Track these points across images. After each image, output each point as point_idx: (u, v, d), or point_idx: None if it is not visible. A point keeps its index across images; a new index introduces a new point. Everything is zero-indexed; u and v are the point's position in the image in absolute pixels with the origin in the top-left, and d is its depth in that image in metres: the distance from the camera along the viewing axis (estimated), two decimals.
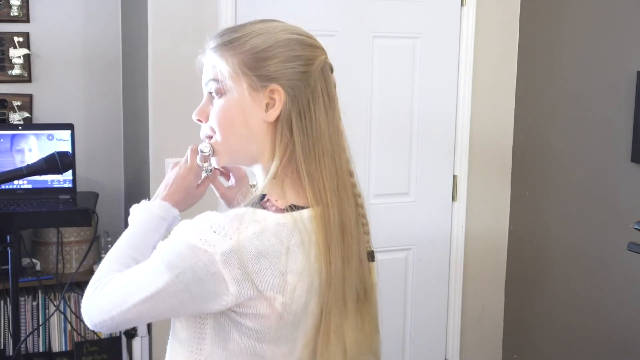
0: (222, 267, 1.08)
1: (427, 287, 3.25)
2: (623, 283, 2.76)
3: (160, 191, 1.35)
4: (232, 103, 1.20)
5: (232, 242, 1.09)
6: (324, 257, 1.16)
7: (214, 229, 1.10)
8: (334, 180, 1.20)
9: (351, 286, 1.21)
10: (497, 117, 3.25)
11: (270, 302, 1.12)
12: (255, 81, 1.18)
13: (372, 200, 3.08)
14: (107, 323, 1.17)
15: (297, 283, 1.14)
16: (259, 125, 1.20)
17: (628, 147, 2.69)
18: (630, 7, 2.70)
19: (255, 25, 1.23)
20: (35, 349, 2.91)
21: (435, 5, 3.09)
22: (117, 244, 1.28)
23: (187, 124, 2.72)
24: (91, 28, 3.16)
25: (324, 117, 1.21)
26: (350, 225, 1.20)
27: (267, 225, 1.12)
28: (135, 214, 1.33)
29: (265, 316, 1.13)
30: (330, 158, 1.20)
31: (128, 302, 1.14)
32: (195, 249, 1.09)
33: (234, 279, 1.09)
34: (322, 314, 1.19)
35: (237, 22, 2.75)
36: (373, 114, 3.05)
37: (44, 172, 1.70)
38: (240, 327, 1.15)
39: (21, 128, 2.85)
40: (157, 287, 1.11)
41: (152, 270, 1.13)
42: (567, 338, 3.04)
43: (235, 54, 1.20)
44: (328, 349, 1.19)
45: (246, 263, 1.09)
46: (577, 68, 2.94)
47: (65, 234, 2.90)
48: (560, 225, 3.04)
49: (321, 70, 1.22)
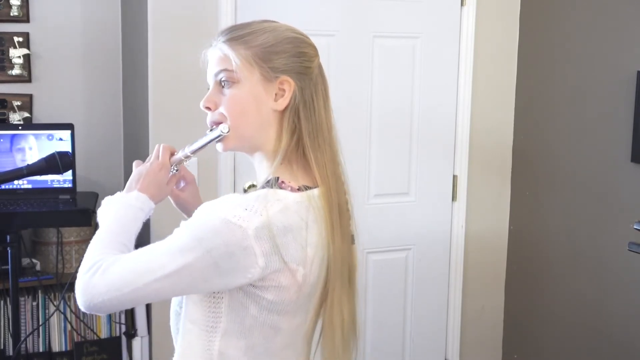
0: (254, 241, 1.16)
1: (427, 287, 3.25)
2: (623, 283, 2.76)
3: (132, 184, 1.38)
4: (245, 91, 1.28)
5: (263, 218, 1.17)
6: (330, 233, 1.26)
7: (245, 207, 1.17)
8: (332, 166, 1.31)
9: (346, 263, 1.32)
10: (497, 117, 3.25)
11: (293, 274, 1.21)
12: (269, 72, 1.27)
13: (372, 200, 3.08)
14: (112, 302, 1.18)
15: (314, 256, 1.25)
16: (268, 113, 1.29)
17: (628, 147, 2.69)
18: (630, 7, 2.70)
19: (263, 24, 1.32)
20: (35, 349, 2.91)
21: (435, 5, 3.09)
22: (102, 232, 1.30)
23: (187, 123, 2.73)
24: (91, 28, 3.16)
25: (322, 109, 1.32)
26: (344, 208, 1.32)
27: (288, 202, 1.21)
28: (111, 205, 1.35)
29: (286, 288, 1.21)
30: (328, 146, 1.31)
31: (145, 278, 1.17)
32: (230, 224, 1.15)
33: (263, 252, 1.16)
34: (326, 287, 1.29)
35: (237, 21, 2.76)
36: (373, 114, 3.05)
37: (44, 172, 1.70)
38: (260, 300, 1.21)
39: (21, 128, 2.85)
40: (185, 262, 1.16)
41: (177, 246, 1.17)
42: (567, 338, 3.04)
43: (248, 47, 1.28)
44: (332, 319, 1.30)
45: (275, 237, 1.17)
46: (577, 68, 2.94)
47: (65, 234, 2.90)
48: (560, 225, 3.04)
49: (319, 67, 1.33)
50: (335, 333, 1.29)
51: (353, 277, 1.35)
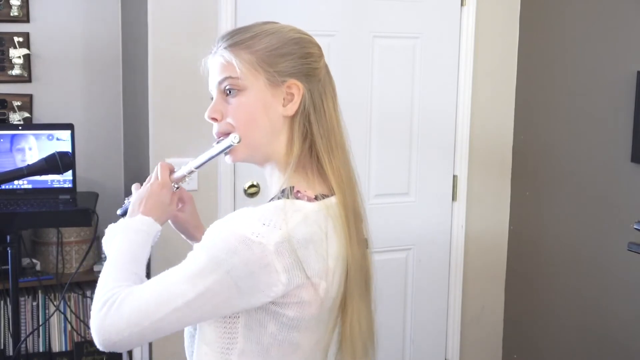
0: (275, 258, 1.10)
1: (427, 287, 3.25)
2: (623, 283, 2.76)
3: (136, 208, 1.31)
4: (252, 99, 1.22)
5: (282, 232, 1.11)
6: (349, 241, 1.21)
7: (263, 222, 1.12)
8: (346, 170, 1.26)
9: (364, 270, 1.27)
10: (497, 117, 3.25)
11: (316, 288, 1.16)
12: (275, 76, 1.22)
13: (372, 200, 3.08)
14: (133, 337, 1.11)
15: (335, 268, 1.20)
16: (278, 119, 1.23)
17: (628, 147, 2.69)
18: (630, 7, 2.70)
19: (265, 26, 1.27)
20: (35, 349, 2.91)
21: (435, 5, 3.09)
22: (110, 263, 1.23)
23: (187, 124, 2.73)
24: (91, 28, 3.16)
25: (332, 110, 1.27)
26: (360, 212, 1.27)
27: (307, 213, 1.16)
28: (116, 233, 1.29)
29: (308, 303, 1.16)
30: (341, 149, 1.26)
31: (165, 308, 1.11)
32: (249, 242, 1.10)
33: (285, 268, 1.11)
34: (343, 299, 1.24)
35: (237, 22, 2.76)
36: (373, 114, 3.05)
37: (44, 172, 1.70)
38: (280, 317, 1.16)
39: (21, 128, 2.85)
40: (204, 286, 1.10)
41: (194, 271, 1.11)
42: (567, 338, 3.04)
43: (252, 52, 1.22)
44: (352, 331, 1.25)
45: (296, 250, 1.12)
46: (577, 68, 2.94)
47: (65, 234, 2.89)
48: (560, 225, 3.04)
49: (325, 67, 1.28)
50: (356, 345, 1.25)
51: (370, 284, 1.30)
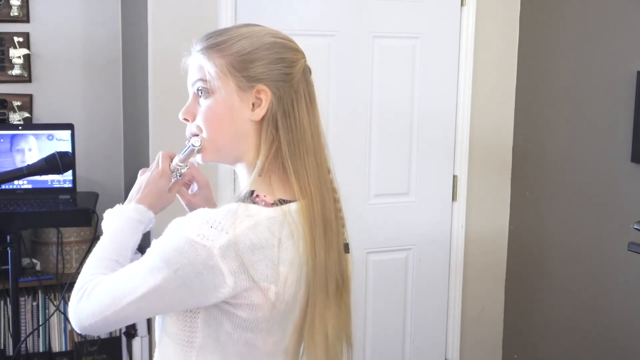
0: (220, 260, 1.12)
1: (427, 287, 3.25)
2: (623, 283, 2.76)
3: (134, 195, 1.37)
4: (219, 102, 1.24)
5: (229, 236, 1.13)
6: (310, 248, 1.22)
7: (211, 224, 1.14)
8: (316, 177, 1.25)
9: (332, 276, 1.26)
10: (497, 117, 3.25)
11: (265, 292, 1.17)
12: (243, 81, 1.23)
13: (372, 200, 3.08)
14: (99, 324, 1.19)
15: (289, 273, 1.20)
16: (245, 124, 1.25)
17: (628, 147, 2.69)
18: (630, 7, 2.70)
19: (240, 29, 1.28)
20: (35, 349, 2.91)
21: (435, 5, 3.09)
22: (97, 249, 1.30)
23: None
24: (91, 28, 3.16)
25: (306, 116, 1.26)
26: (330, 218, 1.26)
27: (259, 219, 1.17)
28: (110, 219, 1.34)
29: (259, 306, 1.18)
30: (312, 156, 1.25)
31: (123, 300, 1.17)
32: (194, 243, 1.12)
33: (231, 271, 1.13)
34: (308, 303, 1.25)
35: (237, 22, 2.76)
36: (373, 113, 3.05)
37: (44, 172, 1.70)
38: (233, 317, 1.19)
39: (21, 128, 2.85)
40: (155, 283, 1.14)
41: (148, 267, 1.16)
42: (567, 338, 3.04)
43: (223, 55, 1.24)
44: (313, 337, 1.25)
45: (242, 255, 1.13)
46: (577, 68, 2.94)
47: (65, 234, 2.90)
48: (560, 225, 3.04)
49: (302, 72, 1.27)
50: (318, 350, 1.26)
51: (344, 289, 1.31)
